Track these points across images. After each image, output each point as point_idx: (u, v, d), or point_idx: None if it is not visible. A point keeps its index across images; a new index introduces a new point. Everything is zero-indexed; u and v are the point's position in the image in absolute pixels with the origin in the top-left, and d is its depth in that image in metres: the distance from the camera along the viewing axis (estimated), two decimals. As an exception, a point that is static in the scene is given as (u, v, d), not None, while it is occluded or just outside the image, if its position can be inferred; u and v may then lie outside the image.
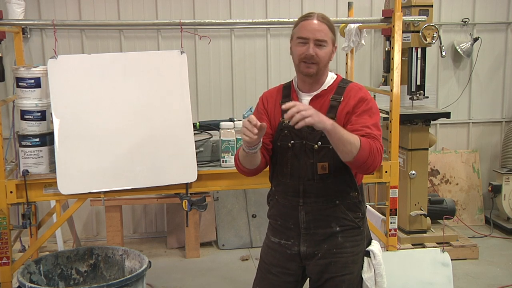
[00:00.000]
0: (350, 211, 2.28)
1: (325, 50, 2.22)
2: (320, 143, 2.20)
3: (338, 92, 2.26)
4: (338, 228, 2.26)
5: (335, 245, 2.27)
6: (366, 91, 2.29)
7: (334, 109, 2.23)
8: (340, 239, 2.27)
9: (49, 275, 3.01)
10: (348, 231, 2.28)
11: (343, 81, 2.32)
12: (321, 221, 2.26)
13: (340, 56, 5.11)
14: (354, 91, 2.26)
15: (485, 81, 5.50)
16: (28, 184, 3.00)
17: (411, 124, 4.38)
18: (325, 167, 2.22)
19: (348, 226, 2.27)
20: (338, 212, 2.26)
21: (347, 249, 2.28)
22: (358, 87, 2.30)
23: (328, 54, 2.24)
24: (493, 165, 5.55)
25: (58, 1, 4.75)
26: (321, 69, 2.25)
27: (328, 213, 2.26)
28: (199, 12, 4.92)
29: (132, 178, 3.01)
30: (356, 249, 2.30)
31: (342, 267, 2.27)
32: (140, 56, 3.25)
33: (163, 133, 3.07)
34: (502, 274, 4.23)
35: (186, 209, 3.16)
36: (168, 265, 4.48)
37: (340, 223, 2.26)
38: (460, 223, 5.19)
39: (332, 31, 2.25)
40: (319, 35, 2.20)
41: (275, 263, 2.36)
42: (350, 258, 2.28)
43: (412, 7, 4.30)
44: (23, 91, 3.06)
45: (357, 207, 2.29)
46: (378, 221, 3.52)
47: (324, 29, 2.22)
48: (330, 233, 2.26)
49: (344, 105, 2.23)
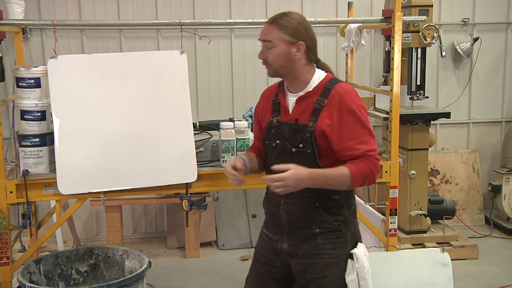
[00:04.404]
0: (330, 214, 2.23)
1: (273, 51, 2.17)
2: (301, 146, 2.18)
3: (324, 94, 2.18)
4: (318, 230, 2.23)
5: (315, 246, 2.24)
6: (352, 95, 2.18)
7: (317, 112, 2.17)
8: (320, 241, 2.24)
9: (49, 275, 3.02)
10: (328, 233, 2.24)
11: (330, 81, 2.21)
12: (301, 222, 2.25)
13: (340, 56, 5.11)
14: (338, 97, 2.15)
15: (485, 81, 5.50)
16: (28, 184, 3.00)
17: (411, 124, 4.38)
18: None
19: (328, 228, 2.24)
20: (318, 215, 2.23)
21: (327, 250, 2.24)
22: (344, 91, 2.17)
23: (281, 54, 2.16)
24: (493, 165, 5.55)
25: (58, 1, 4.75)
26: (280, 70, 2.21)
27: (308, 215, 2.24)
28: (199, 12, 4.92)
29: (132, 178, 3.01)
30: (337, 251, 2.25)
31: (323, 268, 2.24)
32: (140, 56, 3.25)
33: (163, 133, 3.07)
34: (502, 274, 4.23)
35: (186, 209, 3.16)
36: (168, 265, 4.48)
37: (320, 225, 2.23)
38: (460, 223, 5.19)
39: (283, 29, 2.16)
40: (263, 36, 2.21)
41: (263, 253, 2.40)
42: (331, 260, 2.24)
43: (412, 7, 4.30)
44: (23, 91, 3.06)
45: (338, 210, 2.24)
46: (378, 221, 3.52)
47: (270, 30, 2.19)
48: (310, 234, 2.25)
49: (326, 112, 2.16)
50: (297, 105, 2.23)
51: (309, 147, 2.15)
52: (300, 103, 2.23)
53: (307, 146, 2.15)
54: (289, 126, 2.22)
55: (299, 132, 2.18)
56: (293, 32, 2.17)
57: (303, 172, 2.05)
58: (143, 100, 3.06)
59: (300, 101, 2.23)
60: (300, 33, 2.17)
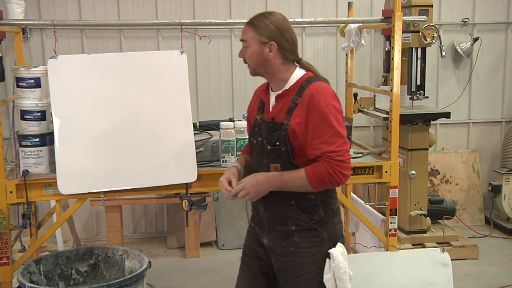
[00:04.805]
0: (305, 213, 2.25)
1: (248, 50, 2.26)
2: (278, 143, 2.22)
3: (299, 92, 2.21)
4: (294, 228, 2.27)
5: (292, 243, 2.27)
6: (323, 94, 2.18)
7: (291, 111, 2.21)
8: (296, 239, 2.27)
9: (49, 275, 3.02)
10: (304, 232, 2.27)
11: (307, 80, 2.24)
12: (278, 219, 2.29)
13: (340, 56, 5.11)
14: (309, 96, 2.17)
15: (485, 81, 5.50)
16: (28, 184, 2.99)
17: (411, 124, 4.38)
18: (278, 168, 2.24)
19: (303, 226, 2.26)
20: (293, 213, 2.26)
21: (303, 249, 2.27)
22: (316, 89, 2.18)
23: (255, 54, 2.24)
24: (493, 165, 5.55)
25: (58, 1, 4.75)
26: (257, 69, 2.28)
27: (283, 212, 2.27)
28: (199, 12, 4.92)
29: (132, 178, 3.01)
30: (313, 250, 2.27)
31: (299, 266, 2.27)
32: (140, 56, 3.25)
33: (163, 133, 3.07)
34: (502, 274, 4.23)
35: (186, 209, 3.16)
36: (168, 265, 4.48)
37: (295, 223, 2.26)
38: (460, 223, 5.19)
39: (257, 30, 2.24)
40: (241, 36, 2.29)
41: (250, 246, 2.46)
42: (306, 259, 2.27)
43: (412, 7, 4.30)
44: (23, 91, 3.06)
45: (313, 209, 2.26)
46: (378, 221, 3.52)
47: (246, 30, 2.28)
48: (287, 231, 2.28)
49: (298, 111, 2.19)
50: (276, 103, 2.29)
51: (283, 145, 2.20)
52: (278, 101, 2.28)
53: (282, 144, 2.20)
54: (267, 124, 2.28)
55: (275, 130, 2.23)
56: (265, 32, 2.24)
57: (259, 176, 2.19)
58: (143, 100, 3.06)
59: (278, 99, 2.28)
60: (272, 33, 2.24)
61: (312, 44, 5.14)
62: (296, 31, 2.36)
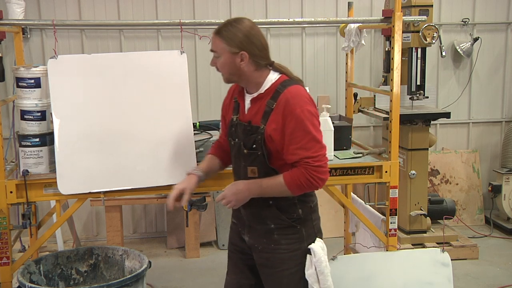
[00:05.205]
0: (284, 212, 2.31)
1: (220, 61, 2.27)
2: (255, 146, 2.26)
3: (274, 97, 2.23)
4: (273, 226, 2.32)
5: (272, 241, 2.33)
6: (298, 99, 2.19)
7: (267, 115, 2.24)
8: (276, 236, 2.33)
9: (49, 275, 3.02)
10: (283, 229, 2.32)
11: (282, 83, 2.26)
12: (258, 218, 2.35)
13: (340, 56, 5.11)
14: (284, 101, 2.19)
15: (485, 81, 5.50)
16: (28, 184, 2.99)
17: (411, 124, 4.38)
18: (255, 171, 2.29)
19: (282, 224, 2.32)
20: (272, 212, 2.31)
21: (283, 246, 2.33)
22: (291, 95, 2.20)
23: (226, 64, 2.25)
24: (493, 165, 5.55)
25: (58, 1, 4.75)
26: (231, 77, 2.31)
27: (262, 212, 2.33)
28: (199, 12, 4.92)
29: (132, 178, 3.01)
30: (292, 246, 2.33)
31: (280, 262, 2.33)
32: (140, 56, 3.25)
33: (163, 133, 3.07)
34: (502, 274, 4.23)
35: (186, 209, 3.15)
36: (168, 265, 4.48)
37: (274, 221, 2.32)
38: (460, 223, 5.19)
39: (226, 40, 2.22)
40: (211, 47, 2.31)
41: (233, 242, 2.54)
42: (286, 255, 2.33)
43: (412, 7, 4.30)
44: (23, 91, 3.05)
45: (291, 208, 2.31)
46: (378, 221, 3.52)
47: (215, 40, 2.28)
48: (266, 229, 2.34)
49: (274, 116, 2.21)
50: (252, 106, 2.32)
51: (260, 149, 2.24)
52: (254, 104, 2.31)
53: (259, 148, 2.24)
54: (243, 127, 2.31)
55: (252, 134, 2.27)
56: (235, 42, 2.23)
57: (239, 185, 2.27)
58: (143, 100, 3.06)
59: (253, 102, 2.31)
60: (242, 43, 2.23)
61: (312, 44, 5.14)
62: (296, 31, 2.37)
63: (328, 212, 5.07)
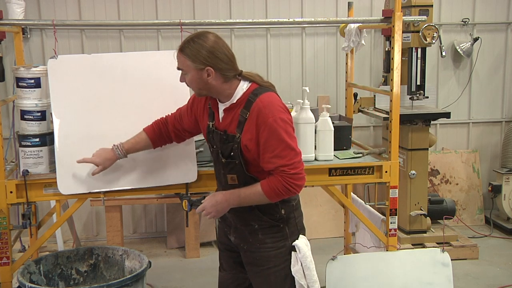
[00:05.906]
0: (266, 214, 2.37)
1: (187, 77, 2.31)
2: (232, 154, 2.30)
3: (247, 106, 2.27)
4: (257, 226, 2.39)
5: (257, 240, 2.40)
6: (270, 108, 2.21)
7: (242, 125, 2.28)
8: (260, 236, 2.39)
9: (49, 275, 3.02)
10: (267, 229, 2.39)
11: (254, 92, 2.28)
12: (242, 220, 2.42)
13: (340, 56, 5.11)
14: (257, 111, 2.22)
15: (485, 81, 5.50)
16: (28, 184, 2.99)
17: (411, 124, 4.38)
18: (234, 178, 2.36)
19: (266, 225, 2.38)
20: (254, 215, 2.37)
21: (268, 244, 2.39)
22: (263, 104, 2.22)
23: (194, 80, 2.28)
24: (493, 165, 5.55)
25: (58, 1, 4.75)
26: (201, 92, 2.34)
27: (246, 215, 2.39)
28: (199, 12, 4.92)
29: (132, 178, 3.01)
30: (277, 244, 2.39)
31: (266, 260, 2.40)
32: (140, 56, 3.25)
33: (163, 133, 3.07)
34: (502, 274, 4.23)
35: (186, 209, 3.15)
36: (168, 265, 4.48)
37: (258, 223, 2.39)
38: (460, 223, 5.19)
39: (190, 58, 2.24)
40: (177, 64, 2.34)
41: (221, 240, 2.63)
42: (272, 253, 2.39)
43: (412, 7, 4.30)
44: (23, 91, 3.05)
45: (273, 210, 2.37)
46: (378, 221, 3.52)
47: (179, 58, 2.30)
48: (251, 230, 2.41)
49: (248, 126, 2.25)
50: (225, 115, 2.35)
51: (237, 158, 2.30)
52: (227, 113, 2.34)
53: (236, 157, 2.30)
54: (220, 136, 2.36)
55: (228, 142, 2.32)
56: (199, 59, 2.24)
57: (217, 196, 2.32)
58: (143, 100, 3.06)
59: (227, 112, 2.35)
60: (206, 59, 2.24)
61: (312, 44, 5.14)
62: (296, 31, 2.37)
63: (328, 212, 5.07)
